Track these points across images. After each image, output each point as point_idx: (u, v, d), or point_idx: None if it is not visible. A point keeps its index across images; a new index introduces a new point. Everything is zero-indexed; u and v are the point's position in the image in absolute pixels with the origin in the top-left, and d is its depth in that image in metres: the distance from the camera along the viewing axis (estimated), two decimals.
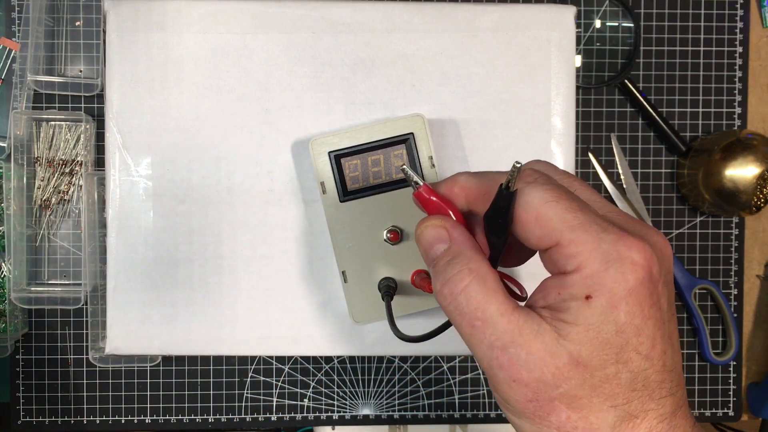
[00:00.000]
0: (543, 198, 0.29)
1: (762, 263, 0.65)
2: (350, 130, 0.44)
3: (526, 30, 0.48)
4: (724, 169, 0.59)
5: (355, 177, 0.44)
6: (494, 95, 0.48)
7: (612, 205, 0.32)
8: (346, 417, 0.63)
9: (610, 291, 0.28)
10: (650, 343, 0.28)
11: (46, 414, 0.62)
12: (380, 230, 0.44)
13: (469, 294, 0.30)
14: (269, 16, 0.47)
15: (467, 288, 0.30)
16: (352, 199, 0.44)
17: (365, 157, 0.44)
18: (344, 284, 0.44)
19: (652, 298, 0.28)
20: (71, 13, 0.61)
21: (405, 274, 0.44)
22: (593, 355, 0.28)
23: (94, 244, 0.58)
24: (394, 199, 0.44)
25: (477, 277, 0.30)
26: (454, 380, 0.64)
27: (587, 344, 0.28)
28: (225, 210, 0.47)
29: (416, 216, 0.43)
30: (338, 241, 0.44)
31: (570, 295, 0.28)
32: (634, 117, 0.63)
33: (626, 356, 0.28)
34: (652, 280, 0.28)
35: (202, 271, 0.48)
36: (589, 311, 0.28)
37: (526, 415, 0.29)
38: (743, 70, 0.63)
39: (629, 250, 0.28)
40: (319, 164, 0.44)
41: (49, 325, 0.62)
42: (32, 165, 0.61)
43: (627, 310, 0.28)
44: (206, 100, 0.47)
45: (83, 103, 0.61)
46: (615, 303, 0.28)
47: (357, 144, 0.43)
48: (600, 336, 0.28)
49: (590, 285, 0.28)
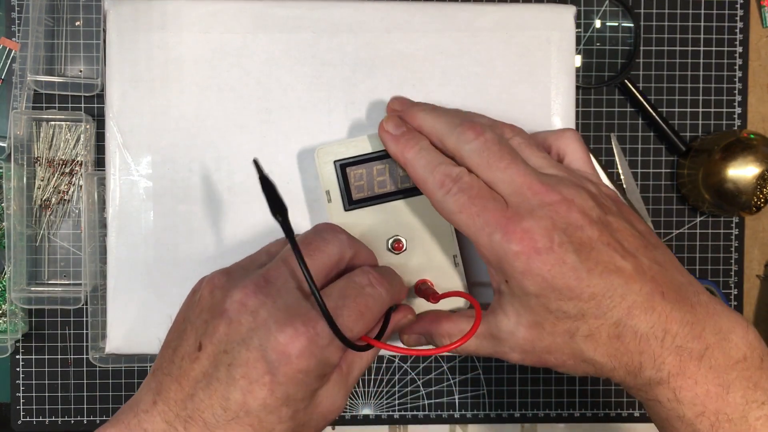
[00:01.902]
0: (452, 210, 0.36)
1: (762, 263, 0.65)
2: (356, 139, 0.44)
3: (525, 30, 0.48)
4: (724, 169, 0.59)
5: (360, 186, 0.44)
6: (494, 95, 0.48)
7: (503, 156, 0.37)
8: (346, 417, 0.63)
9: (514, 276, 0.35)
10: (567, 292, 0.34)
11: (46, 414, 0.62)
12: (384, 239, 0.44)
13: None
14: (270, 16, 0.47)
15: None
16: (356, 208, 0.44)
17: (370, 167, 0.44)
18: None
19: (547, 264, 0.33)
20: (71, 13, 0.61)
21: (408, 284, 0.44)
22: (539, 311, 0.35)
23: (94, 244, 0.58)
24: (399, 209, 0.44)
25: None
26: (454, 380, 0.64)
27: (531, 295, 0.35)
28: (226, 210, 0.47)
29: (420, 227, 0.43)
30: None
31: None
32: (634, 117, 0.63)
33: (556, 305, 0.34)
34: (539, 253, 0.33)
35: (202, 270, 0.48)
36: (509, 290, 0.36)
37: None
38: (743, 70, 0.64)
39: (509, 244, 0.34)
40: (325, 173, 0.44)
41: (49, 325, 0.62)
42: (32, 165, 0.61)
43: (532, 281, 0.34)
44: (207, 100, 0.47)
45: (83, 103, 0.61)
46: (522, 282, 0.34)
47: (363, 153, 0.43)
48: (530, 301, 0.35)
49: (501, 276, 0.36)
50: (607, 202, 0.37)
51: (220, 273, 0.36)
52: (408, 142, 0.39)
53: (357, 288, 0.35)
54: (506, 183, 0.36)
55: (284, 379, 0.32)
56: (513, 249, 0.34)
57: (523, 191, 0.35)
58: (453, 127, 0.38)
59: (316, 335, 0.32)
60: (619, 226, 0.36)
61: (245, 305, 0.33)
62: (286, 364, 0.31)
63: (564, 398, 0.64)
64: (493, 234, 0.35)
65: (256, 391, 0.31)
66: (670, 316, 0.34)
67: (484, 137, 0.37)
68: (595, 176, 0.39)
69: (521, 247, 0.34)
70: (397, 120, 0.41)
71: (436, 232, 0.43)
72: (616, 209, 0.37)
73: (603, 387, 0.65)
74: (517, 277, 0.35)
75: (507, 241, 0.34)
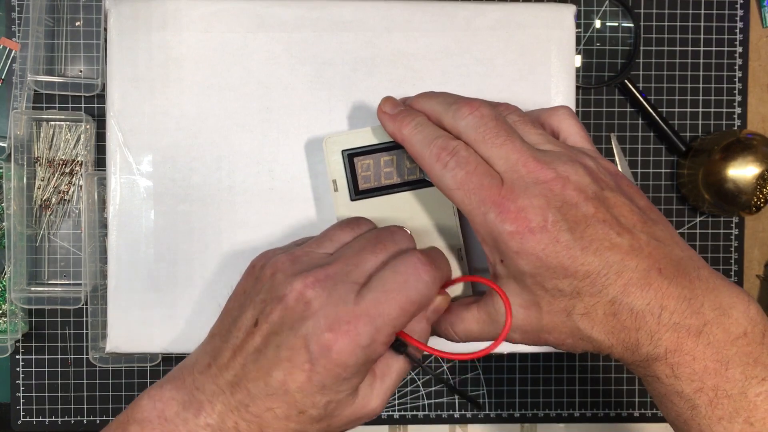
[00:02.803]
0: (449, 186, 0.37)
1: (762, 263, 0.65)
2: (365, 130, 0.44)
3: (525, 29, 0.48)
4: (724, 169, 0.59)
5: (367, 176, 0.44)
6: (494, 94, 0.48)
7: (500, 132, 0.37)
8: None
9: (509, 256, 0.35)
10: (562, 271, 0.34)
11: (46, 414, 0.62)
12: None
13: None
14: (270, 16, 0.47)
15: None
16: (363, 198, 0.44)
17: (378, 158, 0.44)
18: None
19: (541, 243, 0.34)
20: (71, 13, 0.61)
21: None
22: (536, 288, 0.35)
23: (94, 244, 0.58)
24: (405, 201, 0.44)
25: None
26: (455, 380, 0.64)
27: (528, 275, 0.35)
28: (226, 209, 0.47)
29: (426, 220, 0.43)
30: None
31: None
32: (634, 117, 0.63)
33: (552, 284, 0.35)
34: (533, 233, 0.34)
35: (203, 270, 0.48)
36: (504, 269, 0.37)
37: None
38: (743, 71, 0.64)
39: (503, 223, 0.34)
40: (332, 162, 0.44)
41: (49, 325, 0.62)
42: (32, 165, 0.61)
43: (526, 261, 0.34)
44: (207, 99, 0.47)
45: (83, 103, 0.61)
46: (516, 261, 0.35)
47: (370, 144, 0.44)
48: (525, 277, 0.35)
49: (497, 255, 0.36)
50: (606, 177, 0.36)
51: (286, 257, 0.37)
52: (404, 119, 0.39)
53: (401, 280, 0.35)
54: (502, 159, 0.36)
55: (322, 370, 0.33)
56: (507, 229, 0.34)
57: (518, 168, 0.35)
58: (449, 104, 0.38)
59: (357, 335, 0.33)
60: (617, 202, 0.35)
61: (303, 295, 0.34)
62: (326, 357, 0.33)
63: (564, 398, 0.64)
64: (488, 213, 0.35)
65: (296, 374, 0.34)
66: (667, 292, 0.33)
67: (480, 112, 0.37)
68: (593, 150, 0.39)
69: (515, 226, 0.34)
70: (394, 100, 0.41)
71: (441, 226, 0.43)
72: (614, 184, 0.37)
73: (603, 387, 0.65)
74: (512, 257, 0.35)
75: (501, 221, 0.34)
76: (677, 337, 0.33)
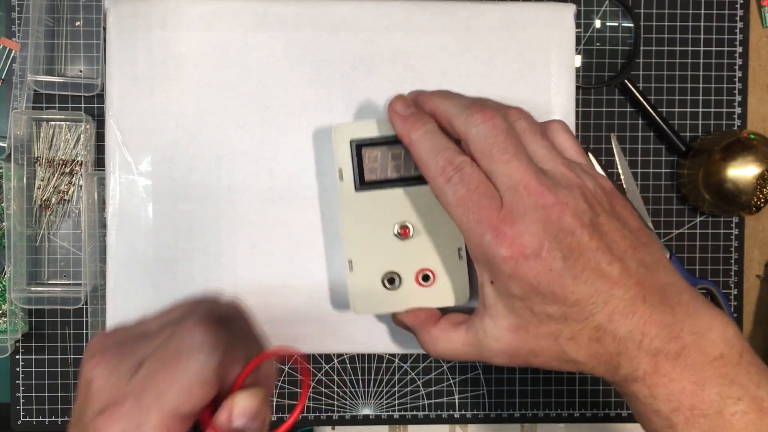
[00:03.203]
0: (449, 201, 0.37)
1: (762, 263, 0.65)
2: (375, 121, 0.44)
3: (526, 28, 0.48)
4: (724, 169, 0.59)
5: (373, 168, 0.44)
6: (494, 93, 0.48)
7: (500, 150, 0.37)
8: (346, 417, 0.63)
9: (501, 279, 0.35)
10: (552, 297, 0.34)
11: (46, 414, 0.62)
12: (391, 224, 0.44)
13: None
14: (270, 14, 0.47)
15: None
16: (367, 189, 0.44)
17: (386, 150, 0.43)
18: (349, 273, 0.44)
19: (533, 270, 0.34)
20: (71, 13, 0.61)
21: (411, 271, 0.44)
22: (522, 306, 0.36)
23: (94, 244, 0.58)
24: (409, 195, 0.44)
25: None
26: (454, 380, 0.64)
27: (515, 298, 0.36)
28: (225, 208, 0.47)
29: (429, 216, 0.43)
30: (349, 230, 0.44)
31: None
32: (634, 117, 0.63)
33: (541, 309, 0.35)
34: (527, 259, 0.34)
35: (202, 269, 0.48)
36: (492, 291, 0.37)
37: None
38: (743, 71, 0.64)
39: (498, 247, 0.34)
40: (339, 151, 0.44)
41: (49, 325, 0.62)
42: (32, 165, 0.61)
43: (518, 285, 0.35)
44: (207, 98, 0.47)
45: (83, 103, 0.61)
46: (507, 284, 0.35)
47: (380, 136, 0.43)
48: (514, 302, 0.36)
49: (488, 275, 0.37)
50: (602, 199, 0.37)
51: (103, 334, 0.35)
52: (415, 122, 0.39)
53: (173, 347, 0.32)
54: (505, 177, 0.36)
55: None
56: (502, 253, 0.34)
57: (519, 189, 0.35)
58: (462, 108, 0.38)
59: (122, 417, 0.30)
60: (610, 228, 0.36)
61: (88, 375, 0.32)
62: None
63: (564, 398, 0.64)
64: (485, 234, 0.35)
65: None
66: (650, 320, 0.34)
67: (493, 122, 0.37)
68: (589, 167, 0.39)
69: (510, 252, 0.34)
70: (406, 100, 0.41)
71: (443, 223, 0.43)
72: (609, 206, 0.37)
73: (603, 387, 0.65)
74: (503, 280, 0.35)
75: (497, 244, 0.34)
76: (656, 362, 0.34)
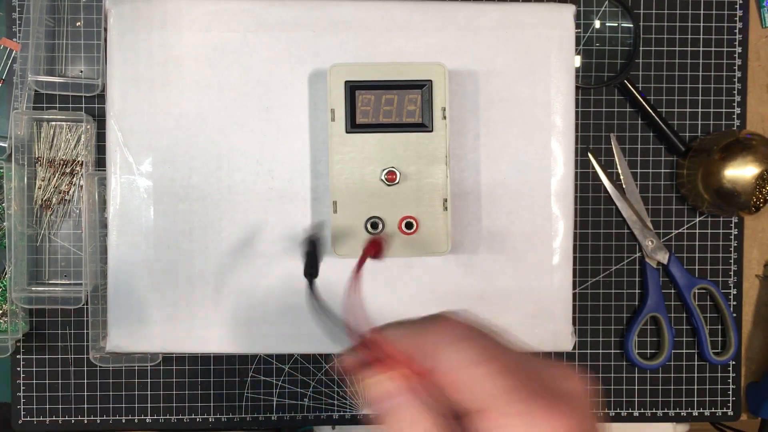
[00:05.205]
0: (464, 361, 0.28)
1: (761, 263, 0.65)
2: (372, 64, 0.44)
3: (525, 28, 0.48)
4: (724, 169, 0.59)
5: (365, 111, 0.44)
6: (494, 93, 0.48)
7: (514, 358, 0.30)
8: (346, 417, 0.63)
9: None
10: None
11: (47, 414, 0.62)
12: (378, 169, 0.44)
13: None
14: (270, 15, 0.47)
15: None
16: (358, 132, 0.44)
17: (380, 94, 0.43)
18: (332, 215, 0.44)
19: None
20: (72, 13, 0.61)
21: (394, 217, 0.44)
22: None
23: (95, 243, 0.58)
24: (399, 141, 0.43)
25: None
26: None
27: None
28: (226, 208, 0.47)
29: (417, 164, 0.43)
30: (336, 171, 0.44)
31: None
32: (633, 117, 0.63)
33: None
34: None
35: (202, 269, 0.48)
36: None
37: None
38: (742, 71, 0.64)
39: (547, 421, 0.28)
40: (333, 91, 0.43)
41: (50, 324, 0.62)
42: (33, 165, 0.61)
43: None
44: (207, 99, 0.47)
45: (84, 103, 0.61)
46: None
47: (375, 79, 0.43)
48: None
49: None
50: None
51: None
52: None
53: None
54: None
55: None
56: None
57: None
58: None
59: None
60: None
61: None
62: None
63: None
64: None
65: None
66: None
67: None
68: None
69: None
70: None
71: (431, 172, 0.43)
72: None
73: (603, 387, 0.65)
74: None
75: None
76: None
